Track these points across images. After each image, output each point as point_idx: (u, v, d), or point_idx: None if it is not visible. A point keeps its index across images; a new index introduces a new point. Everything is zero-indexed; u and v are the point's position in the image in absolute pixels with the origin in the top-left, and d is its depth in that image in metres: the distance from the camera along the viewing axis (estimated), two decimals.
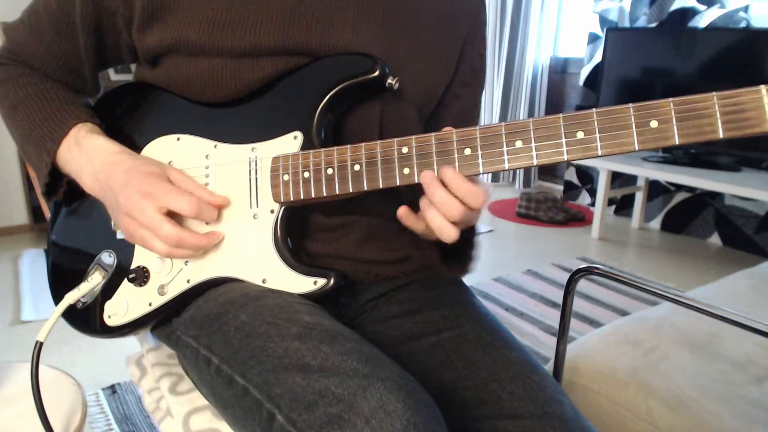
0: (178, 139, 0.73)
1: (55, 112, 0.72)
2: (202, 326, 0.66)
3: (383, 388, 0.51)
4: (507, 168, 0.58)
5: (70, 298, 0.72)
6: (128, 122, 0.76)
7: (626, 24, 3.11)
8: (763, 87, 0.50)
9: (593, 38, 3.27)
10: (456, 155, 0.59)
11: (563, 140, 0.55)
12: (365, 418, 0.49)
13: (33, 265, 2.42)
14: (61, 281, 0.77)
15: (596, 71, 3.20)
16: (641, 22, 3.05)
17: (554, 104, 3.72)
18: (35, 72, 0.76)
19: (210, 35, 0.67)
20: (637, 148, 0.53)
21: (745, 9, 2.67)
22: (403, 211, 0.65)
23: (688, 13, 2.85)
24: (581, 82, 3.38)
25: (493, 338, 0.70)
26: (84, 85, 0.79)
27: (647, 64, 2.85)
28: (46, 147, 0.71)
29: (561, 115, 0.55)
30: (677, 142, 0.52)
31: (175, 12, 0.68)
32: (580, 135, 0.55)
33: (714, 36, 2.64)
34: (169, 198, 0.64)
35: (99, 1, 0.71)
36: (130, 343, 0.89)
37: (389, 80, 0.67)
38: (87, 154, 0.69)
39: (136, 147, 0.74)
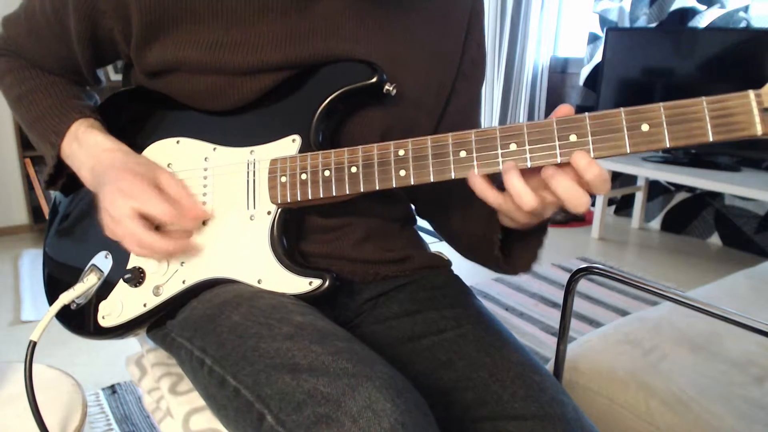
0: (177, 142, 0.73)
1: (57, 105, 0.73)
2: (196, 327, 0.66)
3: (372, 387, 0.51)
4: (501, 170, 0.58)
5: (65, 298, 0.72)
6: (129, 126, 0.76)
7: (626, 24, 3.10)
8: (751, 92, 0.50)
9: (593, 38, 3.27)
10: (451, 157, 0.59)
11: (556, 143, 0.56)
12: (353, 417, 0.49)
13: (33, 265, 2.42)
14: (56, 282, 0.77)
15: (596, 71, 3.20)
16: (641, 22, 3.05)
17: (554, 104, 3.71)
18: (35, 65, 0.77)
19: (212, 56, 0.67)
20: (628, 151, 0.54)
21: (745, 9, 2.67)
22: (477, 182, 0.58)
23: (688, 13, 2.85)
24: (581, 82, 3.38)
25: (493, 338, 0.70)
26: (83, 80, 0.80)
27: (647, 64, 2.85)
28: (50, 140, 0.72)
29: (554, 118, 0.56)
30: (668, 145, 0.53)
31: (175, 33, 0.68)
32: (573, 138, 0.55)
33: (714, 36, 2.64)
34: (144, 199, 0.64)
35: (95, 18, 0.70)
36: (130, 343, 0.89)
37: (387, 86, 0.67)
38: (86, 150, 0.70)
39: (137, 150, 0.74)
